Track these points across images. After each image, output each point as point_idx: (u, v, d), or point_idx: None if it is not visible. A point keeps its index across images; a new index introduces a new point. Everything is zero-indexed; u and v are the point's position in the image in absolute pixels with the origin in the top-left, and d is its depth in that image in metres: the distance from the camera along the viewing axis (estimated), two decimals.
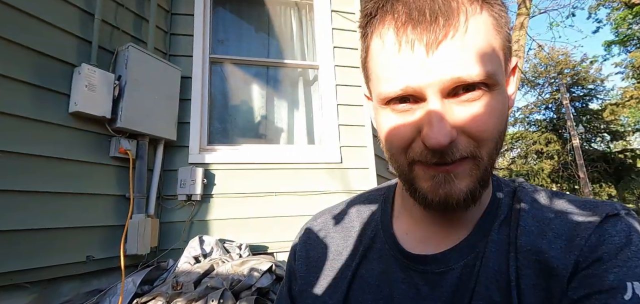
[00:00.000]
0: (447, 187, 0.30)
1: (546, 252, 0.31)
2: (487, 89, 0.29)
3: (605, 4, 11.28)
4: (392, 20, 0.30)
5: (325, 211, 0.50)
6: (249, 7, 2.36)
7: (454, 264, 0.35)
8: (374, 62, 0.33)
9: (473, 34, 0.28)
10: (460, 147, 0.29)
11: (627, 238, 0.29)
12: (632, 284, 0.26)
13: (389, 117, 0.32)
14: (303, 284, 0.45)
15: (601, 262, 0.28)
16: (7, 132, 1.20)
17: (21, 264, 1.20)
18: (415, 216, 0.40)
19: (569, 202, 0.34)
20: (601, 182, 14.48)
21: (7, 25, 1.23)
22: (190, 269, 1.37)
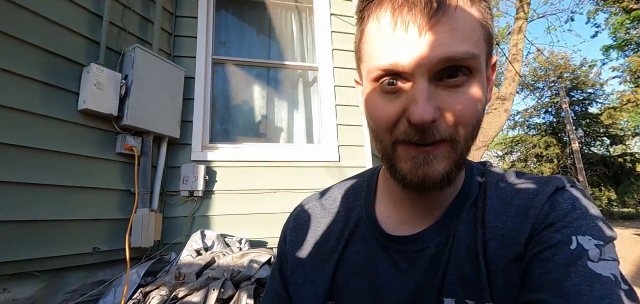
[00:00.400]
0: (426, 168, 0.33)
1: (509, 226, 0.35)
2: (469, 74, 0.32)
3: (603, 9, 11.36)
4: (389, 4, 0.32)
5: (313, 196, 0.53)
6: (250, 10, 2.43)
7: (429, 242, 0.39)
8: (369, 43, 0.35)
9: (462, 22, 0.31)
10: (441, 129, 0.32)
11: (572, 204, 0.34)
12: (576, 237, 0.31)
13: (377, 98, 0.35)
14: (293, 266, 0.47)
15: (552, 225, 0.33)
16: (19, 128, 1.26)
17: (32, 253, 1.26)
18: (395, 199, 0.43)
19: (527, 180, 0.39)
20: (601, 185, 14.50)
21: (20, 26, 1.29)
22: (192, 261, 1.43)
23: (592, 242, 0.31)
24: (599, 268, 0.29)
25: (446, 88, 0.32)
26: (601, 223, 0.33)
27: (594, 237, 0.31)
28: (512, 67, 6.41)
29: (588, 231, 0.32)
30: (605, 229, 0.32)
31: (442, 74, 0.32)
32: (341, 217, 0.47)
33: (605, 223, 0.33)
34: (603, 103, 14.89)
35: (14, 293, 1.23)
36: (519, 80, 6.63)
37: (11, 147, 1.23)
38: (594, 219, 0.33)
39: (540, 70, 16.11)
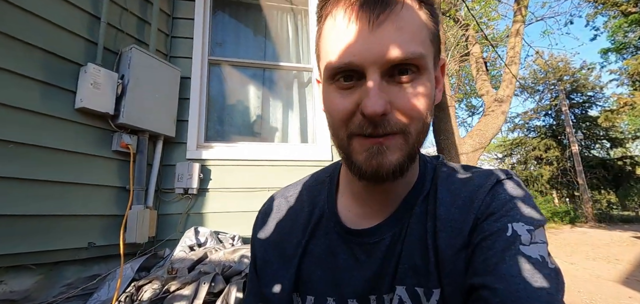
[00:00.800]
0: (379, 158, 0.35)
1: (456, 218, 0.39)
2: (418, 72, 0.35)
3: (602, 12, 11.41)
4: (343, 3, 0.35)
5: (280, 192, 0.54)
6: (246, 12, 2.47)
7: (384, 234, 0.42)
8: (325, 40, 0.38)
9: (409, 21, 0.34)
10: (392, 122, 0.34)
11: (509, 195, 0.38)
12: (511, 225, 0.35)
13: (334, 94, 0.37)
14: (261, 262, 0.49)
15: (492, 214, 0.37)
16: (18, 125, 1.30)
17: (29, 246, 1.29)
18: (354, 193, 0.45)
19: (473, 173, 0.43)
20: (600, 188, 14.47)
21: (20, 27, 1.33)
22: (185, 256, 1.46)
23: (524, 227, 0.35)
24: (529, 251, 0.33)
25: (397, 84, 0.35)
26: (533, 211, 0.37)
27: (526, 223, 0.35)
28: (509, 70, 6.44)
29: (521, 218, 0.35)
30: (536, 215, 0.36)
31: (393, 71, 0.34)
32: (306, 212, 0.49)
33: (537, 210, 0.37)
34: (603, 106, 14.90)
35: (11, 286, 1.26)
36: (516, 83, 6.67)
37: (10, 144, 1.27)
38: (527, 207, 0.37)
39: (540, 73, 16.14)
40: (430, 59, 0.37)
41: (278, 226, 0.50)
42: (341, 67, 0.35)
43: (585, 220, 12.33)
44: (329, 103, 0.38)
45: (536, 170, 15.57)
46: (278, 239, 0.49)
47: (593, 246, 6.82)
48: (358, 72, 0.35)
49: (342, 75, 0.36)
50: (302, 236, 0.47)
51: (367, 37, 0.33)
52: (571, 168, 13.83)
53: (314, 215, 0.48)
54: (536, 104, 16.56)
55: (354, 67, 0.34)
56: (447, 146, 5.96)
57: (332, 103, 0.37)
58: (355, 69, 0.34)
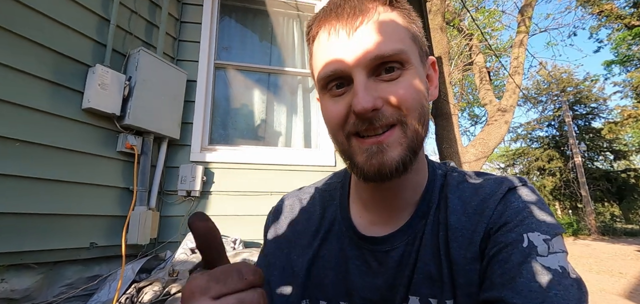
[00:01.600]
0: (380, 156, 0.35)
1: (467, 227, 0.38)
2: (402, 67, 0.36)
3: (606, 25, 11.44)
4: (324, 22, 0.39)
5: (293, 194, 0.55)
6: (253, 18, 2.50)
7: (397, 243, 0.42)
8: (315, 58, 0.41)
9: (384, 23, 0.36)
10: (387, 114, 0.35)
11: (523, 203, 0.37)
12: (527, 235, 0.34)
13: (328, 102, 0.39)
14: (271, 259, 0.49)
15: (506, 224, 0.36)
16: (26, 124, 1.31)
17: (31, 245, 1.29)
18: (363, 199, 0.46)
19: (484, 180, 0.42)
20: (604, 201, 14.34)
21: (31, 28, 1.35)
22: (186, 259, 1.45)
23: (540, 237, 0.34)
24: (548, 262, 0.32)
25: (384, 81, 0.36)
26: (549, 218, 0.36)
27: (543, 232, 0.34)
28: (512, 79, 6.45)
29: (537, 227, 0.34)
30: (552, 223, 0.35)
31: (378, 70, 0.36)
32: (317, 215, 0.49)
33: (553, 218, 0.36)
34: (606, 118, 14.85)
35: (12, 284, 1.26)
36: (520, 93, 6.67)
37: (17, 142, 1.28)
38: (542, 215, 0.36)
39: (544, 84, 16.14)
40: (414, 56, 0.38)
41: (290, 227, 0.51)
42: (329, 75, 0.37)
43: (588, 232, 12.19)
44: (325, 111, 0.40)
45: (539, 181, 15.46)
46: (289, 239, 0.49)
47: (597, 259, 6.73)
48: (346, 78, 0.37)
49: (332, 83, 0.38)
50: (313, 239, 0.47)
51: (347, 43, 0.36)
52: (574, 179, 13.73)
53: (326, 219, 0.48)
54: (539, 114, 16.53)
55: (340, 72, 0.36)
56: (449, 154, 5.95)
57: (328, 110, 0.39)
58: (342, 75, 0.37)
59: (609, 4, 9.71)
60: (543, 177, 15.37)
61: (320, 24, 0.39)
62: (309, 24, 0.42)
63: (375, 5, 0.37)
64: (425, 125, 0.38)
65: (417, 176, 0.43)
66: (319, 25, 0.40)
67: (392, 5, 0.38)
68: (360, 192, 0.46)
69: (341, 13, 0.37)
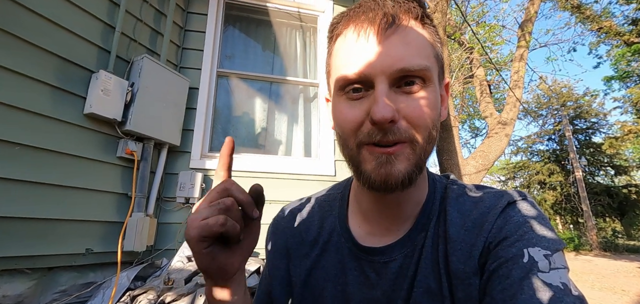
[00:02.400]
0: (388, 167, 0.35)
1: (467, 240, 0.38)
2: (423, 83, 0.36)
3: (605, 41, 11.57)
4: (353, 22, 0.38)
5: (292, 204, 0.55)
6: (257, 28, 2.53)
7: (396, 255, 0.41)
8: (336, 56, 0.40)
9: (414, 37, 0.37)
10: (401, 129, 0.35)
11: (523, 217, 0.37)
12: (527, 250, 0.34)
13: (343, 104, 0.38)
14: (271, 269, 0.51)
15: (506, 239, 0.35)
16: (26, 128, 1.31)
17: (25, 250, 1.28)
18: (363, 210, 0.45)
19: (484, 193, 0.42)
20: (605, 216, 14.22)
21: (37, 33, 1.37)
22: (182, 267, 1.43)
23: (541, 253, 0.33)
24: (549, 278, 0.31)
25: (404, 94, 0.36)
26: (550, 233, 0.35)
27: (543, 247, 0.33)
28: (512, 93, 6.49)
29: (538, 242, 0.34)
30: (553, 238, 0.35)
31: (400, 81, 0.36)
32: (316, 225, 0.50)
33: (554, 233, 0.36)
34: (607, 133, 14.86)
35: (4, 290, 1.24)
36: (520, 106, 6.70)
37: (16, 145, 1.28)
38: (543, 230, 0.35)
39: (544, 98, 16.23)
40: (435, 74, 0.38)
41: (289, 237, 0.51)
42: (351, 77, 0.37)
43: (590, 248, 12.06)
44: (339, 114, 0.39)
45: (539, 195, 15.38)
46: (288, 250, 0.50)
47: (599, 275, 6.63)
48: (367, 83, 0.36)
49: (351, 86, 0.37)
50: (311, 249, 0.48)
51: (376, 49, 0.36)
52: (575, 194, 13.66)
53: (325, 230, 0.48)
54: (539, 128, 16.57)
55: (363, 76, 0.36)
56: (450, 166, 5.94)
57: (342, 114, 0.38)
58: (364, 78, 0.36)
59: (608, 21, 9.84)
60: (544, 191, 15.30)
61: (348, 23, 0.39)
62: (335, 21, 0.41)
63: (408, 18, 0.37)
64: (433, 143, 0.38)
65: (418, 190, 0.43)
66: (347, 24, 0.39)
67: (423, 22, 0.39)
68: (360, 202, 0.46)
69: (374, 18, 0.36)
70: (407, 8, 0.38)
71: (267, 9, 2.45)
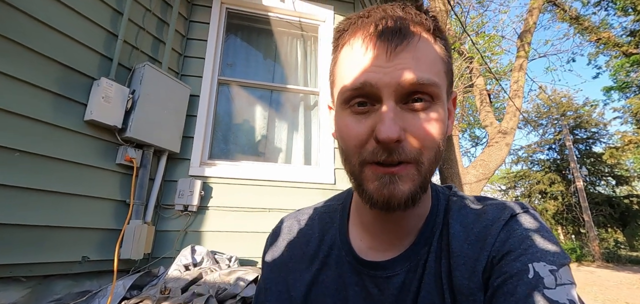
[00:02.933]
0: (391, 187, 0.34)
1: (470, 254, 0.37)
2: (432, 100, 0.35)
3: (604, 52, 11.65)
4: (362, 32, 0.36)
5: (292, 215, 0.54)
6: (258, 36, 2.56)
7: (398, 269, 0.40)
8: (341, 66, 0.38)
9: (425, 52, 0.35)
10: (407, 150, 0.34)
11: (526, 230, 0.36)
12: (532, 265, 0.32)
13: (348, 118, 0.37)
14: (268, 282, 0.49)
15: (510, 253, 0.34)
16: (26, 134, 1.32)
17: (21, 257, 1.26)
18: (364, 223, 0.44)
19: (486, 205, 0.41)
20: (607, 226, 14.10)
21: (40, 41, 1.38)
22: (179, 276, 1.42)
23: (547, 268, 0.32)
24: (556, 295, 0.30)
25: (411, 111, 0.35)
26: (555, 247, 0.34)
27: (549, 262, 0.32)
28: (512, 102, 6.51)
29: (542, 256, 0.33)
30: (559, 252, 0.34)
31: (407, 98, 0.34)
32: (316, 238, 0.48)
33: (559, 246, 0.35)
34: (607, 143, 14.85)
35: None
36: (520, 116, 6.72)
37: (16, 152, 1.28)
38: (547, 244, 0.34)
39: (544, 108, 16.27)
40: (444, 91, 0.37)
41: (288, 250, 0.50)
42: (357, 89, 0.35)
43: (592, 259, 11.93)
44: (343, 128, 0.37)
45: (541, 204, 15.30)
46: (287, 263, 0.48)
47: (602, 286, 6.54)
48: (373, 97, 0.35)
49: (357, 99, 0.36)
50: (311, 263, 0.46)
51: (384, 63, 0.34)
52: (576, 204, 13.58)
53: (325, 244, 0.47)
54: (540, 137, 16.57)
55: (369, 89, 0.34)
56: (450, 175, 5.93)
57: (346, 128, 0.37)
58: (371, 93, 0.35)
59: (606, 32, 9.93)
60: (545, 200, 15.22)
61: (356, 32, 0.37)
62: (341, 29, 0.39)
63: (419, 31, 0.36)
64: (438, 161, 0.37)
65: (421, 204, 0.41)
66: (354, 33, 0.37)
67: (434, 35, 0.37)
68: (362, 215, 0.45)
69: (384, 30, 0.35)
70: (418, 20, 0.36)
71: (269, 18, 2.48)
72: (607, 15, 9.63)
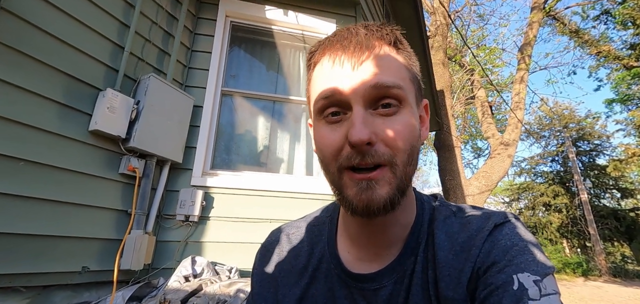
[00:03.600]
0: (369, 192, 0.35)
1: (454, 265, 0.38)
2: (399, 105, 0.37)
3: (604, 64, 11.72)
4: (329, 50, 0.40)
5: (281, 229, 0.54)
6: (262, 49, 2.61)
7: (386, 281, 0.41)
8: (314, 83, 0.41)
9: (387, 61, 0.38)
10: (379, 152, 0.35)
11: (510, 240, 0.36)
12: (517, 276, 0.33)
13: (323, 128, 0.39)
14: (257, 297, 0.49)
15: (495, 265, 0.35)
16: (31, 143, 1.33)
17: (22, 267, 1.26)
18: (351, 235, 0.45)
19: (471, 215, 0.42)
20: (613, 240, 13.84)
21: (48, 53, 1.41)
22: (179, 287, 1.40)
23: (531, 278, 0.33)
24: None
25: (381, 116, 0.37)
26: (539, 257, 0.35)
27: (533, 272, 0.33)
28: (514, 114, 6.52)
29: (526, 266, 0.34)
30: (543, 262, 0.34)
31: (376, 103, 0.37)
32: (305, 252, 0.49)
33: (544, 255, 0.35)
34: (610, 155, 14.74)
35: None
36: (522, 127, 6.71)
37: (20, 161, 1.29)
38: (531, 254, 0.35)
39: (546, 119, 16.26)
40: (412, 96, 0.39)
41: (278, 264, 0.50)
42: (327, 97, 0.38)
43: (599, 273, 11.67)
44: (319, 138, 0.40)
45: (545, 217, 15.09)
46: (277, 277, 0.49)
47: (609, 302, 6.38)
48: (343, 105, 0.37)
49: (329, 110, 0.38)
50: (300, 277, 0.47)
51: (351, 74, 0.37)
52: (581, 217, 13.39)
53: (314, 257, 0.48)
54: (542, 149, 16.50)
55: (339, 96, 0.37)
56: (453, 186, 5.89)
57: (322, 138, 0.39)
58: (340, 100, 0.37)
59: (607, 46, 10.02)
60: (549, 213, 15.02)
61: (324, 52, 0.40)
62: (312, 50, 0.43)
63: (381, 44, 0.39)
64: (414, 165, 0.38)
65: (404, 212, 0.42)
66: (322, 53, 0.41)
67: (396, 47, 0.40)
68: (348, 226, 0.46)
69: (348, 46, 0.38)
70: (379, 35, 0.39)
71: (272, 31, 2.53)
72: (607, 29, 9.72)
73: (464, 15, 8.81)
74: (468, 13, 8.80)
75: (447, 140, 6.21)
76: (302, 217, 0.55)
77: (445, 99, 6.20)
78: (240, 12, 2.40)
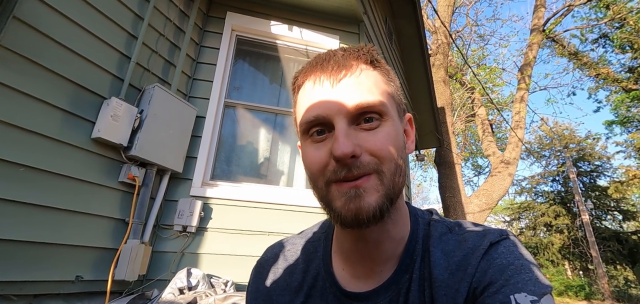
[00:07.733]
0: (357, 201, 0.35)
1: (450, 284, 0.38)
2: (381, 118, 0.38)
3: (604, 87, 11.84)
4: (311, 73, 0.41)
5: (276, 245, 0.54)
6: (266, 62, 2.65)
7: (381, 300, 0.41)
8: (298, 105, 0.43)
9: (365, 79, 0.39)
10: (365, 163, 0.36)
11: (506, 259, 0.36)
12: (514, 297, 0.33)
13: (309, 147, 0.40)
14: None
15: (491, 285, 0.35)
16: (34, 150, 1.33)
17: (14, 275, 1.24)
18: (345, 251, 0.45)
19: (467, 233, 0.42)
20: (616, 263, 13.61)
21: (55, 60, 1.43)
22: (173, 300, 1.37)
23: (528, 299, 0.32)
24: None
25: (364, 130, 0.38)
26: (536, 276, 0.34)
27: (530, 292, 0.33)
28: (514, 133, 6.54)
29: (523, 286, 0.33)
30: (540, 281, 0.34)
31: (358, 119, 0.38)
32: (300, 269, 0.49)
33: (540, 274, 0.35)
34: (611, 176, 14.68)
35: None
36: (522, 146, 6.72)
37: (21, 167, 1.29)
38: (528, 273, 0.35)
39: (546, 139, 16.30)
40: (393, 110, 0.41)
41: (273, 282, 0.50)
42: (311, 120, 0.39)
43: (602, 297, 11.42)
44: (306, 157, 0.40)
45: (546, 237, 14.90)
46: (272, 295, 0.48)
47: None
48: (326, 123, 0.38)
49: (314, 129, 0.39)
50: (295, 295, 0.47)
51: (331, 93, 0.39)
52: (583, 238, 13.21)
53: (309, 275, 0.47)
54: (543, 169, 16.46)
55: (322, 118, 0.38)
56: (453, 203, 5.85)
57: (309, 156, 0.40)
58: (323, 119, 0.38)
59: (606, 68, 10.15)
60: (550, 233, 14.84)
61: (305, 75, 0.42)
62: (296, 76, 0.45)
63: (358, 63, 0.41)
64: (401, 175, 0.38)
65: (396, 227, 0.42)
66: (304, 76, 0.42)
67: (373, 65, 0.42)
68: (342, 243, 0.45)
69: (326, 66, 0.40)
70: (356, 55, 0.41)
71: (277, 45, 2.58)
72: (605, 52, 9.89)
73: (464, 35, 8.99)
74: (469, 33, 8.99)
75: (447, 157, 6.21)
76: (299, 233, 0.55)
77: (446, 116, 6.24)
78: (246, 27, 2.45)
